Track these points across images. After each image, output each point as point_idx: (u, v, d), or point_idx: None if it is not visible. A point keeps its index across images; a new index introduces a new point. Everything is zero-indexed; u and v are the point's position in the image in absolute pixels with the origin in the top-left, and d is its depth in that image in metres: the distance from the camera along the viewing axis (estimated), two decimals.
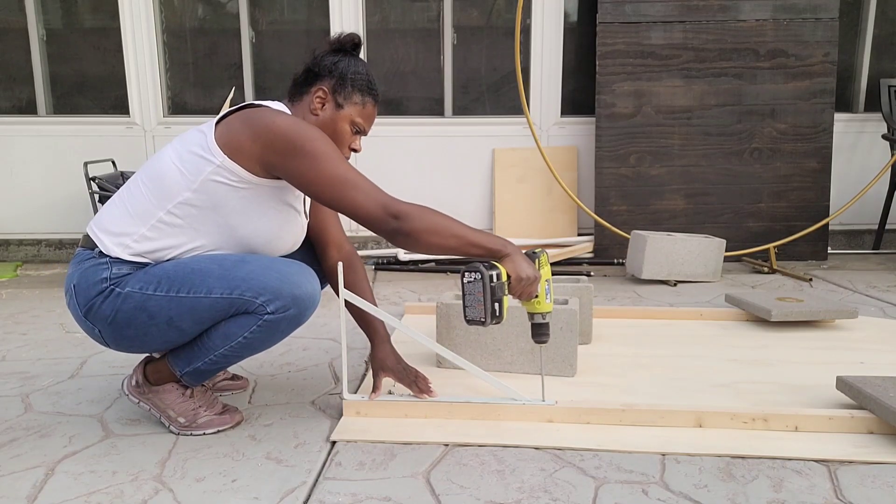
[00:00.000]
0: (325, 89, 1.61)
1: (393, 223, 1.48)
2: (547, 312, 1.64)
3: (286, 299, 1.50)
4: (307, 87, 1.63)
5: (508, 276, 1.56)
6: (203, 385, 1.75)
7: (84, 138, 4.21)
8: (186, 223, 1.54)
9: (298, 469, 1.50)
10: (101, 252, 1.56)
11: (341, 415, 1.76)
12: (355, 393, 1.87)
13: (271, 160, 1.50)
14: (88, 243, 1.59)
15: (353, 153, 1.69)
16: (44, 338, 2.56)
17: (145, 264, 1.56)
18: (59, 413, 1.83)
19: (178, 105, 4.34)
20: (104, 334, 1.58)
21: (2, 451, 1.60)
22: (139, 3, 4.13)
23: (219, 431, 1.68)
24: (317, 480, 1.45)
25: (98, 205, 3.46)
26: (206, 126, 1.58)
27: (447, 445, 1.60)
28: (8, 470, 1.51)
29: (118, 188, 3.37)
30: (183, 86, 4.34)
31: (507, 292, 1.56)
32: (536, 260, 1.62)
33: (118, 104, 4.28)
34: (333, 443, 1.63)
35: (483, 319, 1.55)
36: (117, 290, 1.53)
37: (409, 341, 2.39)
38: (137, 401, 1.70)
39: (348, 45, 1.66)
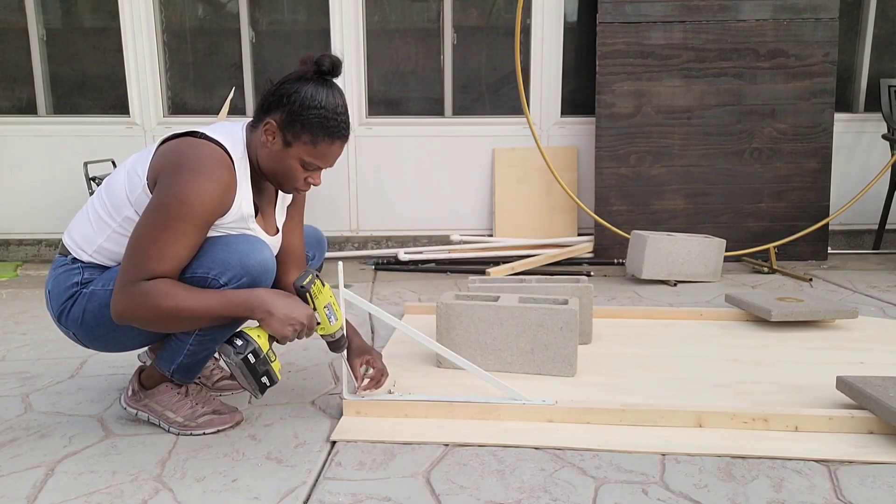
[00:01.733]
0: (274, 123, 1.51)
1: (111, 311, 1.44)
2: (336, 331, 1.60)
3: (237, 269, 1.48)
4: (263, 116, 1.54)
5: (272, 338, 1.49)
6: (198, 383, 1.76)
7: (84, 138, 4.21)
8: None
9: (298, 469, 1.50)
10: (73, 258, 1.59)
11: (341, 415, 1.76)
12: (355, 393, 1.87)
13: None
14: (63, 250, 1.62)
15: (312, 186, 1.61)
16: (44, 338, 2.56)
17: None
18: (59, 413, 1.83)
19: (178, 105, 4.34)
20: (78, 336, 1.60)
21: (2, 451, 1.60)
22: (139, 3, 4.12)
23: (218, 431, 1.68)
24: (317, 480, 1.45)
25: None
26: (154, 145, 1.57)
27: (447, 445, 1.60)
28: (8, 470, 1.51)
29: None
30: (183, 86, 4.34)
31: (274, 358, 1.50)
32: (307, 293, 1.52)
33: (118, 104, 4.28)
34: (333, 443, 1.63)
35: (256, 394, 1.51)
36: (84, 290, 1.56)
37: (409, 341, 2.39)
38: (136, 411, 1.71)
39: (310, 72, 1.52)
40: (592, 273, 3.72)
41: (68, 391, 1.99)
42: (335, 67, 1.53)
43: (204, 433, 1.67)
